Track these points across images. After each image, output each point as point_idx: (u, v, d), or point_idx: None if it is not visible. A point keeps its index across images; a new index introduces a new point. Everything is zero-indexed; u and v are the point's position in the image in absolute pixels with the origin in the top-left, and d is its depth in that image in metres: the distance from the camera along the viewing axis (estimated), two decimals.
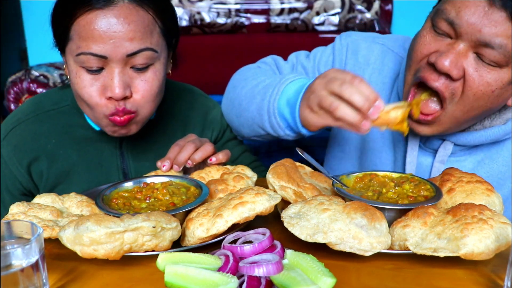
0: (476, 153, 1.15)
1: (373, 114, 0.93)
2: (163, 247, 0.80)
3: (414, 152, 1.17)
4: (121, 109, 1.08)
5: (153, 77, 1.10)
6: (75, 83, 1.09)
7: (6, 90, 2.69)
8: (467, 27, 0.95)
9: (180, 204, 0.92)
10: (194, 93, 1.41)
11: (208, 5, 2.78)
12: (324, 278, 0.68)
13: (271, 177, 0.96)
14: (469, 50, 0.97)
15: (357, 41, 1.28)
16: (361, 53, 1.27)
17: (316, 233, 0.79)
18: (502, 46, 0.93)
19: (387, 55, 1.25)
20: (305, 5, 2.79)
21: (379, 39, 1.28)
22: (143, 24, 1.06)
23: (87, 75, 1.06)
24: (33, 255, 0.67)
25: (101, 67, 1.06)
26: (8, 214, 0.87)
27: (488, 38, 0.93)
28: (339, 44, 1.30)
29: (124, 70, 1.07)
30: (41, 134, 1.22)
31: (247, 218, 0.83)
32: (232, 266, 0.72)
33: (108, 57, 1.04)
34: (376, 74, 1.25)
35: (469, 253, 0.74)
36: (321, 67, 1.30)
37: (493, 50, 0.94)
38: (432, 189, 0.92)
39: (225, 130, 1.41)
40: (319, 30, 2.86)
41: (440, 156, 1.14)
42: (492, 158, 1.14)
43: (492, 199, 0.90)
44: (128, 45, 1.04)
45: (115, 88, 1.05)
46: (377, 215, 0.81)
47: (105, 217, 0.78)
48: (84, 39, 1.03)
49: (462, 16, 0.95)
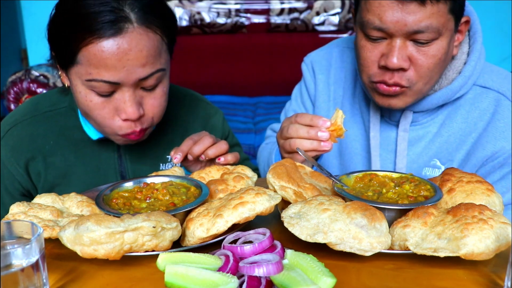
0: (437, 116, 1.28)
1: (322, 136, 1.06)
2: (163, 247, 0.80)
3: (376, 127, 1.32)
4: (138, 130, 1.10)
5: (162, 93, 1.12)
6: (84, 105, 1.08)
7: (6, 90, 2.69)
8: (394, 27, 1.09)
9: (180, 204, 0.92)
10: (196, 99, 1.42)
11: (208, 5, 2.78)
12: (324, 278, 0.69)
13: (271, 177, 0.96)
14: (406, 41, 1.11)
15: (317, 53, 1.50)
16: (322, 62, 1.47)
17: (316, 233, 0.79)
18: (428, 27, 1.08)
19: (345, 53, 1.45)
20: (305, 5, 2.80)
21: (333, 44, 1.49)
22: (154, 47, 1.05)
23: (98, 98, 1.06)
24: (33, 255, 0.67)
25: (113, 90, 1.06)
26: (8, 214, 0.86)
27: (415, 27, 1.08)
28: (304, 65, 1.50)
29: (136, 91, 1.07)
30: (38, 135, 1.21)
31: (247, 218, 0.83)
32: (232, 266, 0.72)
33: (121, 83, 1.04)
34: (339, 71, 1.44)
35: (469, 253, 0.74)
36: (303, 96, 1.51)
37: (423, 33, 1.08)
38: (432, 189, 0.92)
39: (227, 137, 1.42)
40: (319, 30, 2.86)
41: (402, 125, 1.29)
42: (451, 118, 1.27)
43: (492, 199, 0.90)
44: (140, 71, 1.04)
45: (129, 110, 1.06)
46: (377, 215, 0.81)
47: (105, 217, 0.78)
48: (95, 67, 1.01)
49: (385, 20, 1.09)
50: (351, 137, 1.38)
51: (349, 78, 1.42)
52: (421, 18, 1.07)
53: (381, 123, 1.32)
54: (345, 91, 1.42)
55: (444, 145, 1.28)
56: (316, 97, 1.45)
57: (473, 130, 1.25)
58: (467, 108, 1.26)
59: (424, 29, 1.07)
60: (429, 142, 1.28)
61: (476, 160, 1.25)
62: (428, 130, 1.29)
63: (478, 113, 1.25)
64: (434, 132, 1.28)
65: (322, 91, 1.44)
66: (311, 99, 1.48)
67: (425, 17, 1.07)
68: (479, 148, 1.24)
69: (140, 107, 1.08)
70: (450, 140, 1.27)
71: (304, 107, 1.50)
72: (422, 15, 1.06)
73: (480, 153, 1.23)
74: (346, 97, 1.41)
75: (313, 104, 1.48)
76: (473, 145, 1.25)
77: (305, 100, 1.50)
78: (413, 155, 1.29)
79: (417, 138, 1.29)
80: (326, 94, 1.44)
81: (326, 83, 1.44)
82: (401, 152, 1.28)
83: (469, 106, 1.25)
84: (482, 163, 1.24)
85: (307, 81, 1.49)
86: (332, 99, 1.43)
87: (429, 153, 1.29)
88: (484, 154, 1.23)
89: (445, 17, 1.09)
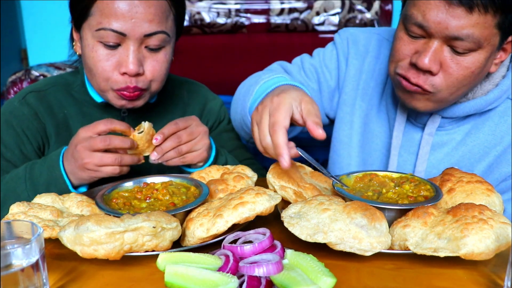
0: (463, 125, 1.25)
1: None
2: (163, 247, 0.80)
3: (400, 127, 1.28)
4: (132, 86, 1.15)
5: (164, 59, 1.18)
6: (90, 57, 1.15)
7: (6, 90, 2.68)
8: (435, 27, 1.05)
9: (180, 204, 0.92)
10: (196, 84, 1.49)
11: (208, 5, 2.78)
12: (324, 278, 0.69)
13: (271, 177, 0.96)
14: (443, 45, 1.07)
15: (356, 33, 1.41)
16: (361, 43, 1.39)
17: (316, 233, 0.79)
18: (469, 35, 1.03)
19: (383, 44, 1.38)
20: (305, 5, 2.79)
21: (374, 30, 1.41)
22: (161, 9, 1.14)
23: (103, 50, 1.13)
24: (33, 255, 0.67)
25: (118, 43, 1.13)
26: (8, 214, 0.87)
27: (456, 32, 1.03)
28: (339, 38, 1.42)
29: (139, 48, 1.14)
30: (54, 104, 1.28)
31: (247, 218, 0.83)
32: (232, 266, 0.72)
33: (127, 34, 1.11)
34: (374, 61, 1.37)
35: (469, 253, 0.74)
36: (327, 61, 1.41)
37: (463, 41, 1.04)
38: (432, 189, 0.92)
39: (221, 121, 1.46)
40: (319, 30, 2.85)
41: (429, 129, 1.25)
42: (478, 128, 1.23)
43: (492, 199, 0.90)
44: (147, 26, 1.12)
45: (130, 64, 1.12)
46: (377, 215, 0.81)
47: (105, 217, 0.78)
48: (106, 16, 1.10)
49: (428, 18, 1.05)
50: (374, 133, 1.34)
51: (383, 72, 1.36)
52: (464, 25, 1.02)
53: (406, 124, 1.29)
54: (376, 84, 1.36)
55: (467, 154, 1.24)
56: (346, 81, 1.38)
57: (499, 143, 1.21)
58: (496, 121, 1.22)
59: (465, 37, 1.02)
60: (452, 149, 1.25)
61: (499, 175, 1.22)
62: (453, 137, 1.25)
63: (506, 126, 1.21)
64: (458, 140, 1.25)
65: (353, 77, 1.38)
66: (338, 77, 1.40)
67: (469, 25, 1.01)
68: (503, 162, 1.21)
69: (140, 65, 1.14)
70: (474, 150, 1.23)
71: (324, 76, 1.40)
72: (466, 22, 1.01)
73: (504, 168, 1.20)
74: (376, 91, 1.36)
75: (338, 85, 1.40)
76: (496, 159, 1.22)
77: (332, 69, 1.40)
78: (434, 160, 1.26)
79: (440, 143, 1.25)
80: (356, 82, 1.38)
81: (358, 70, 1.38)
82: (423, 155, 1.25)
83: (498, 118, 1.22)
84: (505, 178, 1.21)
85: (340, 54, 1.40)
86: (361, 88, 1.37)
87: (451, 160, 1.25)
88: (507, 170, 1.20)
89: (490, 31, 1.03)
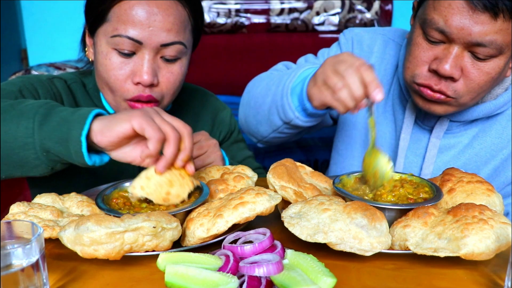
0: (471, 128, 1.24)
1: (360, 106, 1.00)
2: (163, 247, 0.80)
3: (408, 129, 1.27)
4: (146, 95, 1.11)
5: (179, 71, 1.15)
6: (103, 65, 1.11)
7: None
8: (457, 33, 1.02)
9: (180, 204, 0.91)
10: (206, 94, 1.47)
11: (208, 5, 2.77)
12: (324, 278, 0.69)
13: (272, 177, 0.96)
14: (464, 51, 1.05)
15: (360, 33, 1.39)
16: (365, 43, 1.37)
17: (316, 233, 0.79)
18: (492, 42, 1.01)
19: (389, 45, 1.36)
20: (305, 5, 2.79)
21: (380, 31, 1.39)
22: (180, 19, 1.11)
23: (117, 58, 1.09)
24: (33, 255, 0.67)
25: (133, 51, 1.09)
26: (8, 214, 0.87)
27: (479, 39, 1.01)
28: (344, 38, 1.41)
29: (155, 58, 1.11)
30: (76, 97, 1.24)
31: (247, 218, 0.83)
32: (233, 266, 0.72)
33: (144, 43, 1.07)
34: (379, 62, 1.35)
35: (469, 253, 0.74)
36: None
37: (485, 47, 1.02)
38: (432, 190, 0.92)
39: (232, 132, 1.45)
40: (319, 30, 2.85)
41: (436, 132, 1.24)
42: (485, 131, 1.24)
43: (493, 199, 0.90)
44: (164, 36, 1.08)
45: (144, 74, 1.08)
46: (377, 215, 0.81)
47: (106, 217, 0.78)
48: (123, 22, 1.07)
49: (451, 24, 1.02)
50: (379, 134, 1.33)
51: (389, 73, 1.34)
52: (488, 32, 1.00)
53: (413, 126, 1.28)
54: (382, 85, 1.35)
55: (473, 158, 1.24)
56: None
57: (505, 146, 1.22)
58: (503, 124, 1.22)
59: (487, 44, 1.01)
60: (459, 153, 1.25)
61: (505, 178, 1.22)
62: (460, 140, 1.25)
63: None
64: (465, 143, 1.25)
65: None
66: None
67: (492, 31, 1.00)
68: (509, 166, 1.21)
69: (155, 76, 1.10)
70: (480, 153, 1.24)
71: None
72: (490, 28, 1.00)
73: (510, 172, 1.20)
74: None
75: None
76: (502, 162, 1.22)
77: None
78: (440, 162, 1.26)
79: (447, 146, 1.26)
80: None
81: None
82: (430, 158, 1.25)
83: (505, 122, 1.22)
84: (510, 182, 1.21)
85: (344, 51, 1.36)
86: None
87: (457, 163, 1.25)
88: None
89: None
